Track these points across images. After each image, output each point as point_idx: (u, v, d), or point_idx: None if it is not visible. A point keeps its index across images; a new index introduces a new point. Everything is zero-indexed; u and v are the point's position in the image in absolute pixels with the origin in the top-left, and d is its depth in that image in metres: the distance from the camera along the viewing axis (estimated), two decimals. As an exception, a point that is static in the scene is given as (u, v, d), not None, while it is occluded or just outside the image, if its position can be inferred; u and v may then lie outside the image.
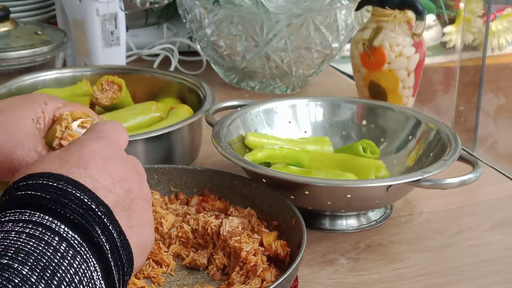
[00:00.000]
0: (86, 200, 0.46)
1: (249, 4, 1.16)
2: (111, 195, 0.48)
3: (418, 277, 0.75)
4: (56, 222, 0.43)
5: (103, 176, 0.49)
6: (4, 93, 1.02)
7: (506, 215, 0.88)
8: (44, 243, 0.42)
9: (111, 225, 0.46)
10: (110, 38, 1.22)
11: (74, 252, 0.42)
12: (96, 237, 0.45)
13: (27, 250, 0.41)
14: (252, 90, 1.27)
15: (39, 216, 0.43)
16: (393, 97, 1.08)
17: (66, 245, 0.42)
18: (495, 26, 1.51)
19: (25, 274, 0.39)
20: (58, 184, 0.46)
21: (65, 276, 0.41)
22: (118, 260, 0.46)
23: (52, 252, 0.41)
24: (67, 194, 0.45)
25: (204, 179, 0.83)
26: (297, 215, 0.73)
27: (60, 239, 0.42)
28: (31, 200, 0.45)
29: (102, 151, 0.51)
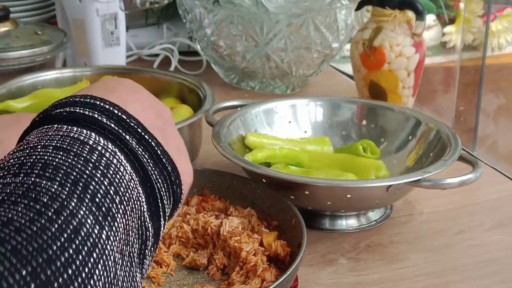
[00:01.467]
0: (116, 111, 0.43)
1: (249, 4, 1.16)
2: (143, 116, 0.45)
3: (418, 277, 0.75)
4: (86, 132, 0.40)
5: (131, 97, 0.47)
6: (4, 93, 1.02)
7: (506, 215, 0.88)
8: (73, 155, 0.39)
9: (147, 135, 0.43)
10: (110, 38, 1.22)
11: (106, 161, 0.39)
12: (130, 145, 0.42)
13: (55, 164, 0.38)
14: (252, 90, 1.27)
15: (66, 128, 0.41)
16: (393, 97, 1.08)
17: (97, 155, 0.39)
18: (495, 26, 1.51)
19: (53, 191, 0.36)
20: (84, 99, 0.43)
21: (99, 188, 0.38)
22: (163, 169, 0.43)
23: (83, 163, 0.38)
24: (96, 106, 0.43)
25: (204, 179, 0.83)
26: (297, 215, 0.73)
27: (91, 149, 0.39)
28: (57, 115, 0.42)
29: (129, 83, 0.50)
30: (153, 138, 0.44)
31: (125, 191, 0.40)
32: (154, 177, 0.43)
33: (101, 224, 0.37)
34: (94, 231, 0.36)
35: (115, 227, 0.38)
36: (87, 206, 0.37)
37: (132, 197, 0.40)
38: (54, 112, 0.43)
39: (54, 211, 0.35)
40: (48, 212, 0.35)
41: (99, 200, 0.37)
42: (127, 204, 0.40)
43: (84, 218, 0.36)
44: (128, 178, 0.40)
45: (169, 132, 0.48)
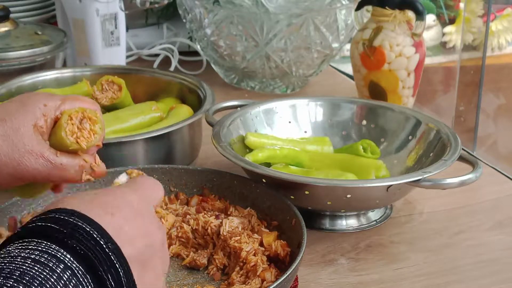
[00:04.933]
0: (95, 235, 0.45)
1: (249, 4, 1.16)
2: (130, 247, 0.48)
3: (418, 277, 0.75)
4: (62, 251, 0.43)
5: (128, 226, 0.48)
6: (4, 93, 1.02)
7: (506, 215, 0.88)
8: (48, 269, 0.42)
9: (118, 263, 0.46)
10: (110, 38, 1.22)
11: (76, 281, 0.42)
12: (100, 271, 0.44)
13: (32, 274, 0.41)
14: (252, 90, 1.27)
15: (45, 245, 0.43)
16: (393, 97, 1.08)
17: (70, 274, 0.42)
18: (495, 26, 1.51)
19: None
20: (69, 218, 0.46)
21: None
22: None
23: (56, 279, 0.41)
24: (77, 228, 0.45)
25: (204, 179, 0.83)
26: (297, 215, 0.73)
27: (65, 267, 0.42)
28: (40, 230, 0.45)
29: (135, 204, 0.51)
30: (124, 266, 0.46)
31: None
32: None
33: None
34: None
35: None
36: None
37: None
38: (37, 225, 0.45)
39: None
40: None
41: None
42: None
43: None
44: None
45: (151, 267, 0.50)
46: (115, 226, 0.47)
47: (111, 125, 0.93)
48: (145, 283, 0.48)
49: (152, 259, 0.50)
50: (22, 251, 0.43)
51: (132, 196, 0.51)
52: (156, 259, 0.51)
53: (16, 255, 0.42)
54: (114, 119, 0.94)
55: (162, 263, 0.52)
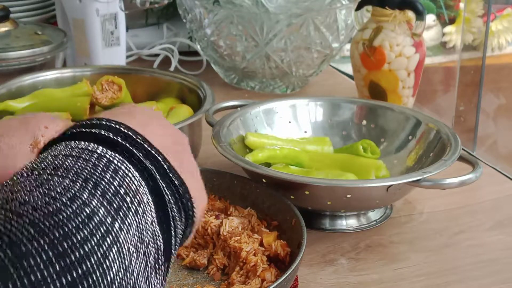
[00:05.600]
0: (122, 129, 0.44)
1: (249, 4, 1.16)
2: (160, 139, 0.46)
3: (418, 277, 0.75)
4: (94, 144, 0.42)
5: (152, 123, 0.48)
6: (4, 93, 1.02)
7: (506, 215, 0.88)
8: (82, 160, 0.41)
9: (153, 150, 0.45)
10: (110, 38, 1.22)
11: (115, 166, 0.41)
12: (137, 156, 0.43)
13: (66, 166, 0.40)
14: (252, 90, 1.27)
15: (75, 142, 0.43)
16: (393, 97, 1.08)
17: (106, 161, 0.41)
18: (495, 26, 1.51)
19: (66, 185, 0.38)
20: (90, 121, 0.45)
21: (108, 187, 0.40)
22: (169, 182, 0.44)
23: (92, 167, 0.40)
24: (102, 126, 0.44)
25: (204, 179, 0.82)
26: (297, 215, 0.73)
27: (99, 156, 0.41)
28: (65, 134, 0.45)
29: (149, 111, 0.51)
30: (160, 154, 0.45)
31: (135, 193, 0.41)
32: (162, 188, 0.44)
33: (113, 217, 0.38)
34: (106, 220, 0.38)
35: (128, 222, 0.39)
36: (98, 200, 0.38)
37: (142, 200, 0.41)
38: (63, 134, 0.45)
39: (68, 199, 0.37)
40: (63, 198, 0.37)
41: (109, 197, 0.39)
42: (138, 205, 0.41)
43: (96, 209, 0.38)
44: (137, 183, 0.42)
45: (184, 156, 0.49)
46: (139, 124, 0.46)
47: (111, 125, 0.93)
48: (183, 172, 0.47)
49: (182, 152, 0.49)
50: (51, 151, 0.42)
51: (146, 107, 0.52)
52: (186, 153, 0.50)
53: (46, 156, 0.42)
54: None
55: (193, 159, 0.51)
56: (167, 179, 0.44)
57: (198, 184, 0.50)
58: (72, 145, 0.43)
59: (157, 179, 0.43)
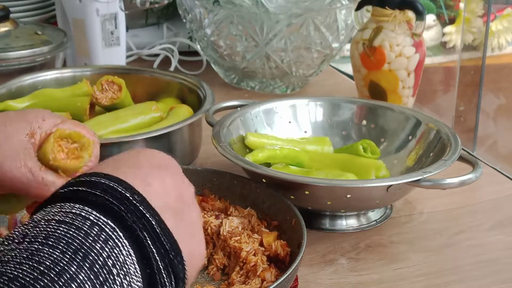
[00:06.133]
0: (120, 189, 0.44)
1: (249, 4, 1.16)
2: (159, 199, 0.46)
3: (418, 277, 0.75)
4: (87, 209, 0.42)
5: (155, 180, 0.47)
6: (4, 93, 1.02)
7: (506, 215, 0.88)
8: (74, 228, 0.41)
9: (148, 213, 0.44)
10: (110, 38, 1.22)
11: (106, 236, 0.41)
12: (130, 222, 0.43)
13: (57, 235, 0.40)
14: (252, 90, 1.27)
15: (69, 205, 0.42)
16: (393, 97, 1.08)
17: (97, 229, 0.41)
18: (495, 26, 1.51)
19: (55, 257, 0.38)
20: (91, 179, 0.45)
21: (97, 259, 0.40)
22: (160, 247, 0.44)
23: (84, 236, 0.40)
24: (101, 185, 0.44)
25: (204, 179, 0.83)
26: (297, 215, 0.73)
27: (92, 224, 0.41)
28: (61, 194, 0.44)
29: (158, 158, 0.50)
30: (155, 216, 0.45)
31: (122, 265, 0.41)
32: (152, 255, 0.44)
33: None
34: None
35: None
36: (85, 273, 0.39)
37: (129, 272, 0.42)
38: (58, 192, 0.45)
39: (56, 273, 0.37)
40: (50, 273, 0.37)
41: (97, 270, 0.39)
42: (123, 278, 0.41)
43: (82, 283, 0.38)
44: (126, 254, 0.42)
45: (186, 217, 0.49)
46: (141, 182, 0.46)
47: (111, 125, 0.93)
48: (181, 232, 0.46)
49: (184, 209, 0.49)
50: (45, 215, 0.42)
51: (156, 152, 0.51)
52: (189, 209, 0.49)
53: (40, 219, 0.41)
54: (114, 119, 0.94)
55: (197, 215, 0.50)
56: (158, 243, 0.44)
57: (196, 243, 0.49)
58: (66, 209, 0.42)
59: (146, 245, 0.43)
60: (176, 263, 0.45)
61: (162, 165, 0.50)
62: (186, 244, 0.47)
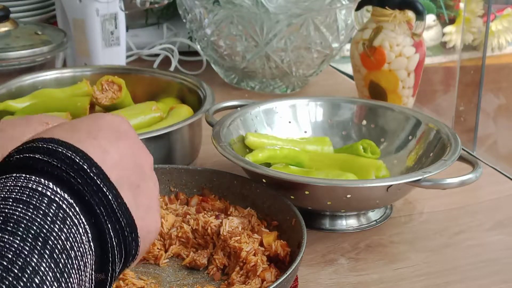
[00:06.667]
0: (77, 160, 0.43)
1: (249, 4, 1.16)
2: (117, 170, 0.46)
3: (418, 277, 0.75)
4: (44, 182, 0.41)
5: (113, 148, 0.46)
6: (4, 93, 1.02)
7: (506, 215, 0.88)
8: (32, 207, 0.40)
9: (105, 187, 0.44)
10: (110, 38, 1.22)
11: (64, 214, 0.41)
12: (87, 197, 0.42)
13: (16, 217, 0.39)
14: (252, 90, 1.27)
15: (25, 178, 0.42)
16: (393, 97, 1.08)
17: (55, 207, 0.41)
18: (495, 26, 1.51)
19: (16, 246, 0.38)
20: (48, 145, 0.44)
21: (56, 243, 0.39)
22: (116, 223, 0.44)
23: (42, 217, 0.40)
24: (58, 154, 0.43)
25: (204, 179, 0.83)
26: (297, 215, 0.73)
27: (49, 201, 0.41)
28: (18, 163, 0.43)
29: (118, 126, 0.49)
30: (112, 189, 0.44)
31: (80, 245, 0.41)
32: (108, 231, 0.44)
33: (59, 281, 0.39)
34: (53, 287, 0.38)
35: (70, 283, 0.40)
36: (46, 263, 0.38)
37: (85, 252, 0.42)
38: (14, 158, 0.44)
39: (19, 268, 0.37)
40: (14, 269, 0.37)
41: (56, 256, 0.39)
42: (81, 259, 0.41)
43: (44, 275, 0.38)
44: (82, 232, 0.42)
45: (143, 188, 0.48)
46: (99, 150, 0.45)
47: (111, 125, 0.93)
48: (139, 206, 0.47)
49: (142, 181, 0.48)
50: (1, 190, 0.41)
51: (114, 118, 0.49)
52: (146, 181, 0.49)
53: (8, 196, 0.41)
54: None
55: (154, 185, 0.50)
56: (114, 219, 0.44)
57: (152, 217, 0.49)
58: (22, 183, 0.41)
59: (102, 222, 0.43)
60: (130, 240, 0.45)
61: (122, 132, 0.49)
62: (142, 219, 0.47)
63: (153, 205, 0.49)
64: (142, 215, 0.47)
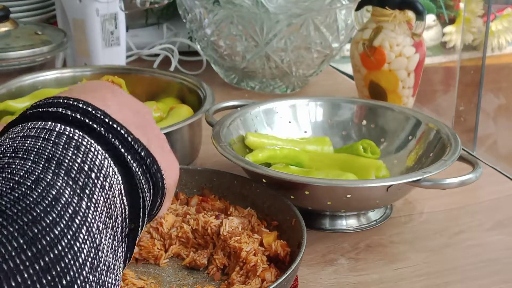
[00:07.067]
0: (80, 105, 0.43)
1: (249, 4, 1.16)
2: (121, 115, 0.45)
3: (418, 277, 0.75)
4: (51, 123, 0.41)
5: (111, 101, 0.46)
6: (4, 93, 1.02)
7: (506, 215, 0.88)
8: (41, 139, 0.40)
9: (115, 124, 0.43)
10: (110, 38, 1.22)
11: (76, 143, 0.40)
12: (98, 130, 0.42)
13: (26, 147, 0.39)
14: (252, 90, 1.27)
15: (31, 123, 0.42)
16: (393, 97, 1.08)
17: (66, 138, 0.40)
18: (495, 26, 1.51)
19: (28, 167, 0.37)
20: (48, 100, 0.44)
21: (72, 165, 0.39)
22: (135, 154, 0.43)
23: (53, 145, 0.39)
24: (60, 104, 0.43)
25: (204, 179, 0.83)
26: (297, 215, 0.73)
27: (58, 134, 0.40)
28: (22, 115, 0.43)
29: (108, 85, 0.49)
30: (122, 127, 0.44)
31: (100, 168, 0.40)
32: (128, 160, 0.43)
33: (79, 196, 0.38)
34: (73, 201, 0.37)
35: (95, 199, 0.39)
36: (63, 180, 0.38)
37: (108, 174, 0.41)
38: (18, 117, 0.44)
39: (32, 182, 0.36)
40: (27, 182, 0.36)
41: (74, 175, 0.38)
42: (104, 180, 0.40)
43: (62, 189, 0.37)
44: (101, 158, 0.41)
45: (150, 131, 0.48)
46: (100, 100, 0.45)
47: (111, 125, 0.93)
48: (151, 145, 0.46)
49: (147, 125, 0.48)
50: (9, 134, 0.41)
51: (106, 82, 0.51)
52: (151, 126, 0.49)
53: (4, 138, 0.41)
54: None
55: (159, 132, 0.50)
56: (132, 150, 0.43)
57: (168, 156, 0.48)
58: (29, 126, 0.41)
59: (121, 151, 0.43)
60: (153, 171, 0.45)
61: (116, 90, 0.49)
62: (160, 155, 0.46)
63: (165, 147, 0.49)
64: (159, 152, 0.46)
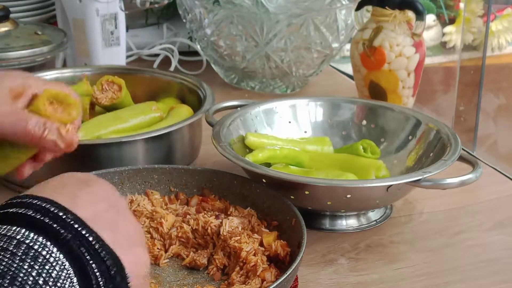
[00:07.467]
0: (52, 209, 0.43)
1: (249, 4, 1.16)
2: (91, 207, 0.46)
3: (418, 277, 0.75)
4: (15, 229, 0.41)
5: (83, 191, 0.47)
6: (4, 93, 1.02)
7: (506, 215, 0.88)
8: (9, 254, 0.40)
9: (84, 230, 0.43)
10: (110, 38, 1.22)
11: (35, 253, 0.40)
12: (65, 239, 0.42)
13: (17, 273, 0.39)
14: (252, 90, 1.27)
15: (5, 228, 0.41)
16: (393, 97, 1.08)
17: (25, 248, 0.40)
18: (495, 26, 1.51)
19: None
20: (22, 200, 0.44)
21: (26, 279, 0.39)
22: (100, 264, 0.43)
23: (9, 257, 0.39)
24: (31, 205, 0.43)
25: (204, 179, 0.83)
26: (297, 215, 0.73)
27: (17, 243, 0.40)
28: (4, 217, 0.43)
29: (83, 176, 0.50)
30: (91, 233, 0.44)
31: (56, 280, 0.40)
32: (91, 270, 0.43)
33: None
34: None
35: None
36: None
37: (64, 286, 0.41)
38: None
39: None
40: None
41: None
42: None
43: None
44: (59, 268, 0.41)
45: (122, 225, 0.48)
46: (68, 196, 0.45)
47: (111, 125, 0.93)
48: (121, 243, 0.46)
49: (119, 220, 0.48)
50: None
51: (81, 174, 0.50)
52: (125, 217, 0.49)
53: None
54: (114, 119, 0.94)
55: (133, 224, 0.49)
56: (97, 259, 0.43)
57: (136, 250, 0.48)
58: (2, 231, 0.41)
59: (84, 262, 0.42)
60: (118, 278, 0.44)
61: (91, 180, 0.49)
62: (128, 254, 0.46)
63: (136, 240, 0.49)
64: (127, 250, 0.46)
